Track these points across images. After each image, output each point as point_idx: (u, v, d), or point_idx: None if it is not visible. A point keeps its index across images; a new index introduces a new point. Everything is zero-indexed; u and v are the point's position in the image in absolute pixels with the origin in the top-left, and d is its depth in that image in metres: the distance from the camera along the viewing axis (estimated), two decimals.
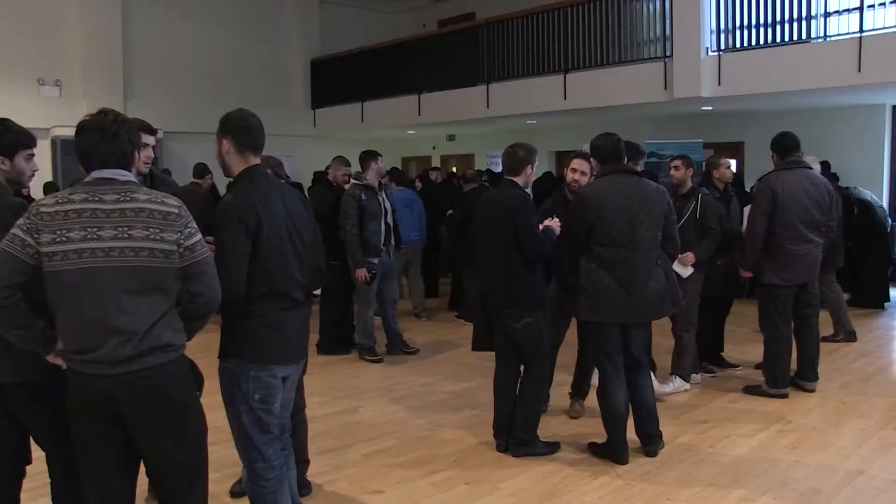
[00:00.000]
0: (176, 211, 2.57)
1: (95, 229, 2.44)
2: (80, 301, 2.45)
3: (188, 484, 2.71)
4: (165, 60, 13.45)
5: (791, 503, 3.90)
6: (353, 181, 6.84)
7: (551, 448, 4.62)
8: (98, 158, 2.54)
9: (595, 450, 4.59)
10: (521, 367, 4.62)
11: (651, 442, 4.56)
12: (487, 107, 11.90)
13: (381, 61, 13.85)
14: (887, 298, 9.36)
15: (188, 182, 8.76)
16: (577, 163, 5.08)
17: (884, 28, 8.17)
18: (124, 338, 2.46)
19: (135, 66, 13.09)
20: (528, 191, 4.61)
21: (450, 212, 9.24)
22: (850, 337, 7.48)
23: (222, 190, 4.36)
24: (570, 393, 5.40)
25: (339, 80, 14.84)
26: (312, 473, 4.14)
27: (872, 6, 8.29)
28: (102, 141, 2.53)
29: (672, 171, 5.89)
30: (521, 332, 4.46)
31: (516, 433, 4.57)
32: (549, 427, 4.98)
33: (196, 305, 2.65)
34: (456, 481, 4.24)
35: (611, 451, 4.47)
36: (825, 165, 9.49)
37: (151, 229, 2.49)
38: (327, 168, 7.87)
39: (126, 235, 2.46)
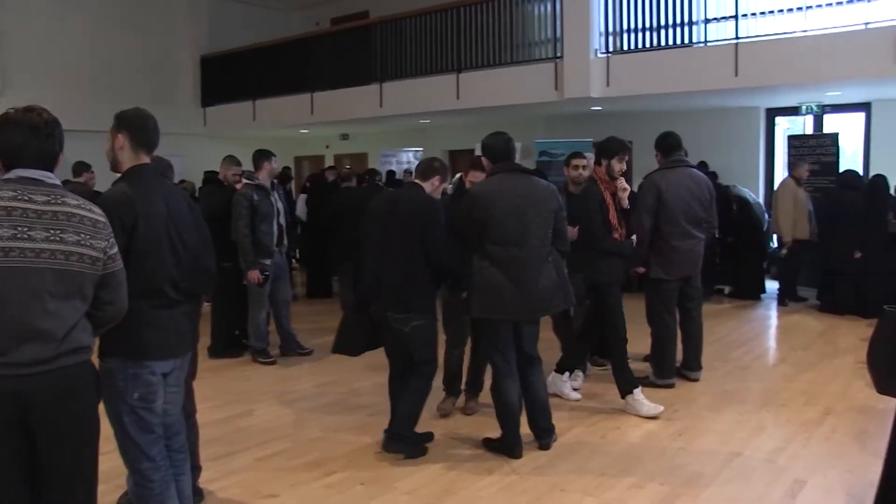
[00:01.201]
0: (103, 220, 2.60)
1: (26, 229, 2.40)
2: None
3: (84, 493, 2.62)
4: (43, 55, 12.69)
5: (676, 487, 4.06)
6: (245, 181, 6.71)
7: (425, 438, 4.63)
8: (26, 157, 2.49)
9: (490, 445, 4.63)
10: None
11: (544, 435, 4.64)
12: (381, 106, 11.87)
13: (273, 59, 13.60)
14: (763, 290, 9.89)
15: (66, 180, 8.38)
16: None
17: (757, 36, 8.62)
18: (46, 340, 2.41)
19: (9, 59, 12.33)
20: None
21: None
22: None
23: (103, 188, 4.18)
24: (464, 390, 5.44)
25: (229, 78, 14.47)
26: (204, 480, 4.01)
27: (746, 15, 8.74)
28: (34, 139, 2.49)
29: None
30: (409, 334, 4.42)
31: (395, 427, 4.51)
32: (444, 424, 5.02)
33: (104, 314, 2.66)
34: (351, 482, 4.20)
35: (505, 446, 4.52)
36: (703, 165, 9.95)
37: (82, 235, 2.50)
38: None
39: (58, 239, 2.44)
